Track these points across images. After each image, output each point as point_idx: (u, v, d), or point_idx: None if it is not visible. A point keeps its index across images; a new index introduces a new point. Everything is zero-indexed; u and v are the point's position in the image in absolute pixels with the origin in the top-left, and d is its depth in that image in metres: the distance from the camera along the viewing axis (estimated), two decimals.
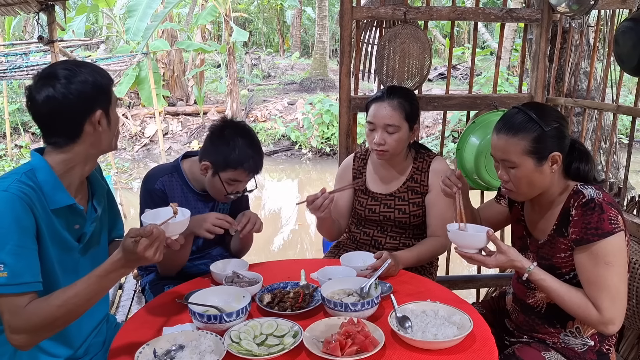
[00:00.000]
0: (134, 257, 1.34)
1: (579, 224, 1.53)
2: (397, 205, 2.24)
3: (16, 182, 1.36)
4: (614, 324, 1.51)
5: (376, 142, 2.14)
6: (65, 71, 1.42)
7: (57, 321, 1.36)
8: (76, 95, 1.40)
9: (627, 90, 11.02)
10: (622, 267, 1.51)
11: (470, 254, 1.59)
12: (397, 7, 2.72)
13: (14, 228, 1.32)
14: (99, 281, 1.36)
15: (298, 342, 1.39)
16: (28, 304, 1.33)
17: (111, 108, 1.51)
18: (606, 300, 1.49)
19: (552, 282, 1.56)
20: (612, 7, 2.75)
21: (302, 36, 23.60)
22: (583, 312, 1.52)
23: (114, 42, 15.72)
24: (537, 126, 1.56)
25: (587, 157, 1.65)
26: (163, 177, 2.05)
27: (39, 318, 1.33)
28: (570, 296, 1.54)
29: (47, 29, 4.38)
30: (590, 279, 1.52)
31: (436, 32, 18.69)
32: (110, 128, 1.51)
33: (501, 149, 1.60)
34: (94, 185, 1.63)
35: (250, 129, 2.04)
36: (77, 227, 1.53)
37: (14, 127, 12.07)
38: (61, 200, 1.44)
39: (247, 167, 1.94)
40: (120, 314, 3.03)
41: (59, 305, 1.34)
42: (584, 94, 3.12)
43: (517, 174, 1.59)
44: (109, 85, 1.50)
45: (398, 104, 2.13)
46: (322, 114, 11.93)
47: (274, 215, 8.86)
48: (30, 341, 1.36)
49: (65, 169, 1.46)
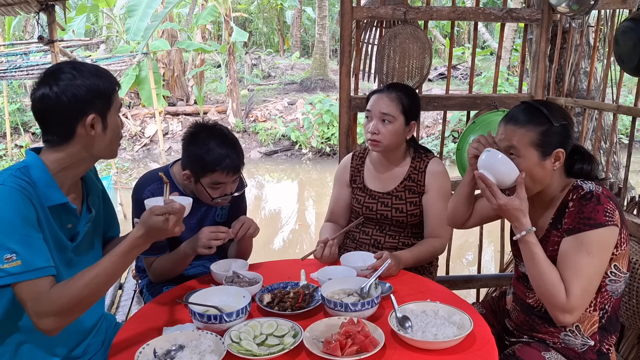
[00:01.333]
0: (160, 232, 1.42)
1: (573, 214, 1.53)
2: (394, 204, 2.25)
3: (11, 177, 1.39)
4: (572, 314, 1.51)
5: (370, 130, 2.17)
6: (66, 73, 1.43)
7: (84, 301, 1.38)
8: (69, 97, 1.41)
9: (627, 90, 11.02)
10: (601, 261, 1.51)
11: (490, 181, 1.57)
12: (397, 7, 2.72)
13: (17, 219, 1.34)
14: (121, 258, 1.40)
15: (298, 342, 1.39)
16: (51, 287, 1.36)
17: (109, 114, 1.49)
18: (578, 288, 1.49)
19: (540, 251, 1.56)
20: (612, 7, 2.75)
21: (302, 36, 23.60)
22: (552, 290, 1.51)
23: (114, 42, 15.72)
24: (546, 120, 1.57)
25: (590, 158, 1.66)
26: (152, 186, 2.00)
27: (65, 299, 1.35)
28: (549, 271, 1.53)
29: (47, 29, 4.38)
30: (568, 263, 1.52)
31: (436, 32, 18.69)
32: (105, 134, 1.48)
33: (508, 138, 1.60)
34: (88, 185, 1.63)
35: (223, 128, 1.98)
36: (70, 227, 1.54)
37: (14, 127, 12.07)
38: (55, 198, 1.45)
39: (225, 167, 1.87)
40: (120, 314, 3.03)
41: (84, 285, 1.37)
42: (584, 94, 3.12)
43: (520, 165, 1.59)
44: (110, 90, 1.48)
45: (396, 96, 2.17)
46: (322, 114, 11.94)
47: (273, 215, 8.87)
48: (58, 324, 1.38)
49: (59, 168, 1.47)
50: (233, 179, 1.93)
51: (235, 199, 2.16)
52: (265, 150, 12.36)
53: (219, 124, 2.01)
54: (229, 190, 1.95)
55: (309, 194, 10.09)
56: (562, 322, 1.56)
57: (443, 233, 2.21)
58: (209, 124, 1.97)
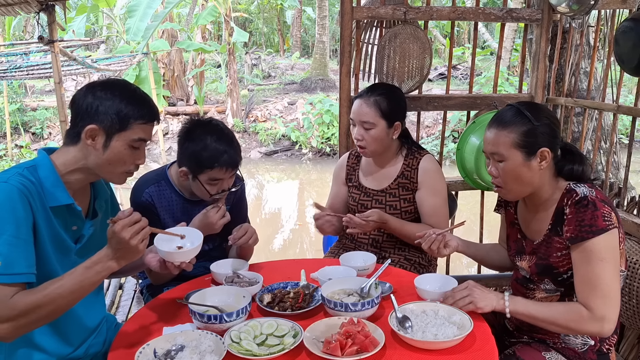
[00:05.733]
0: (114, 242, 1.34)
1: (572, 222, 1.53)
2: (388, 202, 2.26)
3: (17, 175, 1.39)
4: (608, 321, 1.49)
5: (354, 137, 2.22)
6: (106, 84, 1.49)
7: (41, 310, 1.33)
8: (89, 103, 1.45)
9: (627, 90, 11.01)
10: (614, 264, 1.52)
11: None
12: (397, 7, 2.72)
13: (10, 219, 1.33)
14: (84, 272, 1.36)
15: (298, 342, 1.39)
16: (14, 295, 1.32)
17: (118, 137, 1.46)
18: (597, 298, 1.49)
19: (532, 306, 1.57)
20: (612, 7, 2.75)
21: (302, 36, 23.59)
22: (571, 324, 1.51)
23: (114, 42, 15.73)
24: (527, 120, 1.58)
25: (581, 158, 1.66)
26: (149, 188, 2.00)
27: (22, 305, 1.31)
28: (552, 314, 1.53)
29: (48, 29, 4.38)
30: (583, 277, 1.52)
31: (436, 32, 18.68)
32: (104, 152, 1.47)
33: (491, 142, 1.62)
34: (96, 189, 1.64)
35: (219, 123, 1.96)
36: (75, 229, 1.54)
37: (14, 127, 12.08)
38: (61, 198, 1.45)
39: (223, 163, 1.85)
40: (120, 314, 3.04)
41: (43, 295, 1.33)
42: (584, 94, 3.12)
43: (505, 168, 1.60)
44: (132, 120, 1.46)
45: (374, 102, 2.17)
46: (322, 114, 11.94)
47: (274, 215, 8.87)
48: (13, 331, 1.33)
49: (67, 170, 1.48)
50: (231, 174, 1.92)
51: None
52: (265, 150, 12.36)
53: (214, 119, 2.00)
54: (226, 186, 1.94)
55: (309, 194, 10.09)
56: (602, 334, 1.53)
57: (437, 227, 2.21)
58: (204, 120, 1.95)
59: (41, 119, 12.68)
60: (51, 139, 12.37)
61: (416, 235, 1.88)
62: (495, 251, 1.96)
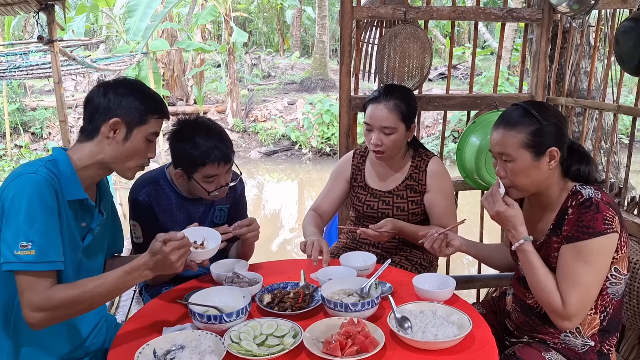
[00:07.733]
0: (159, 258, 1.42)
1: (572, 222, 1.53)
2: (395, 203, 2.25)
3: (43, 167, 1.45)
4: (572, 321, 1.53)
5: (373, 142, 2.15)
6: (124, 83, 1.58)
7: (78, 305, 1.41)
8: (109, 99, 1.53)
9: (627, 90, 11.00)
10: (600, 269, 1.51)
11: (496, 187, 1.63)
12: (398, 7, 2.72)
13: (42, 208, 1.39)
14: (124, 276, 1.43)
15: (298, 343, 1.38)
16: (51, 285, 1.39)
17: (137, 130, 1.55)
18: (575, 296, 1.50)
19: (538, 260, 1.58)
20: (613, 7, 2.75)
21: (302, 36, 23.59)
22: (549, 298, 1.53)
23: (114, 42, 15.73)
24: (535, 120, 1.57)
25: (588, 159, 1.65)
26: (147, 188, 2.00)
27: (60, 298, 1.38)
28: (546, 279, 1.55)
29: (47, 28, 4.37)
30: (566, 272, 1.52)
31: (436, 32, 18.68)
32: (124, 145, 1.54)
33: (499, 143, 1.61)
34: (102, 190, 1.68)
35: (206, 119, 1.96)
36: (84, 225, 1.57)
37: (13, 127, 12.07)
38: (77, 192, 1.51)
39: (214, 159, 1.85)
40: (120, 314, 3.03)
41: (83, 291, 1.40)
42: (585, 94, 3.12)
43: (514, 168, 1.59)
44: (149, 114, 1.57)
45: (394, 106, 2.13)
46: (322, 113, 11.94)
47: (273, 215, 8.86)
48: (47, 321, 1.39)
49: (82, 165, 1.53)
50: (226, 169, 1.91)
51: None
52: (265, 150, 12.36)
53: (200, 116, 2.00)
54: (223, 181, 1.93)
55: (309, 194, 10.08)
56: (562, 328, 1.58)
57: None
58: (190, 119, 1.97)
59: (41, 119, 12.68)
60: (50, 139, 12.36)
61: (419, 235, 1.88)
62: (499, 252, 1.96)
